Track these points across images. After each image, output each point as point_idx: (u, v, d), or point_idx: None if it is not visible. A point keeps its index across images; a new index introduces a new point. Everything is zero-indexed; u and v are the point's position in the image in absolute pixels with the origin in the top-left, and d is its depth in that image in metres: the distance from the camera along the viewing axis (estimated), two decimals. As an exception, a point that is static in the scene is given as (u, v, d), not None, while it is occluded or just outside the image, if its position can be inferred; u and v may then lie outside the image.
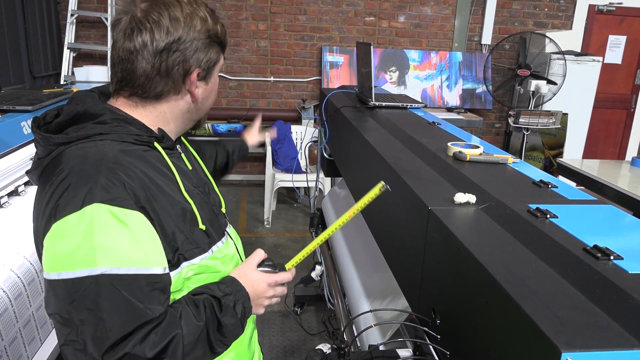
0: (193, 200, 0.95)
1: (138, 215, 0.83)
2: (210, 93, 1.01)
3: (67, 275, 0.79)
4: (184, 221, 0.92)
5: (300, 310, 2.94)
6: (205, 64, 0.94)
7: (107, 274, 0.79)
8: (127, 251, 0.81)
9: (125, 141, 0.89)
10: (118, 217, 0.81)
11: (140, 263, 0.82)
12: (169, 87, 0.92)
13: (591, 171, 3.08)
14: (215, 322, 0.91)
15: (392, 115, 2.01)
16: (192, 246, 0.93)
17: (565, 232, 0.87)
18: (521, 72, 4.73)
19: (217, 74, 1.00)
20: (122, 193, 0.82)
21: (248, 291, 0.99)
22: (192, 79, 0.93)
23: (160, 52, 0.89)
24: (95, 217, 0.79)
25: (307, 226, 3.94)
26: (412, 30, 5.13)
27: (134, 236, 0.82)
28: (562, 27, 5.26)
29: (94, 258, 0.78)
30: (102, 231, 0.79)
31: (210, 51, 0.94)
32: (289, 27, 4.95)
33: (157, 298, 0.84)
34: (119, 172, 0.83)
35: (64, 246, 0.79)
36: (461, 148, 1.34)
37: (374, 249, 1.71)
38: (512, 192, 1.08)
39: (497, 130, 5.52)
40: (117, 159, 0.85)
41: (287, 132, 4.52)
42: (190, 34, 0.90)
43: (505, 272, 0.75)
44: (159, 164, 0.92)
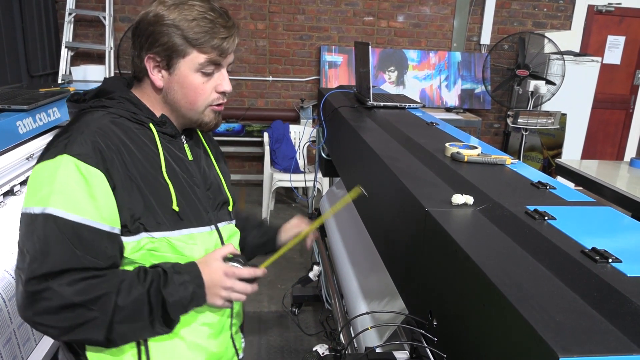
0: (172, 181, 1.01)
1: (99, 174, 0.92)
2: (177, 86, 1.03)
3: (27, 210, 0.91)
4: (153, 195, 0.98)
5: (297, 310, 2.94)
6: (161, 51, 0.99)
7: (55, 215, 0.89)
8: (79, 201, 0.90)
9: (123, 116, 1.00)
10: (81, 170, 0.91)
11: (88, 215, 0.91)
12: (137, 69, 1.04)
13: (590, 172, 3.08)
14: (160, 294, 0.95)
15: (390, 115, 2.00)
16: (155, 220, 0.98)
17: (563, 234, 0.86)
18: (520, 72, 4.73)
19: (186, 69, 1.01)
20: (91, 152, 0.92)
21: (204, 278, 1.00)
22: (148, 65, 1.01)
23: (132, 37, 1.02)
24: (62, 165, 0.91)
25: (305, 226, 3.94)
26: (411, 30, 5.12)
27: (90, 190, 0.91)
28: (561, 28, 5.26)
29: (48, 199, 0.89)
30: (62, 178, 0.90)
31: (165, 40, 0.98)
32: (287, 26, 4.94)
33: (99, 252, 0.91)
34: (96, 135, 0.94)
35: (33, 185, 0.93)
36: (459, 149, 1.33)
37: (371, 250, 1.70)
38: (510, 194, 1.07)
39: (495, 130, 5.51)
40: (102, 125, 0.97)
41: (285, 132, 4.51)
42: (147, 19, 0.99)
43: (503, 275, 0.74)
44: (148, 141, 1.01)
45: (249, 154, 5.13)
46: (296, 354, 2.63)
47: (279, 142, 4.44)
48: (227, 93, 1.09)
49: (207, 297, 1.01)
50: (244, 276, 1.05)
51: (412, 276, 1.07)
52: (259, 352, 2.62)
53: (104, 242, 0.92)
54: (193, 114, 1.06)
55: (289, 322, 2.87)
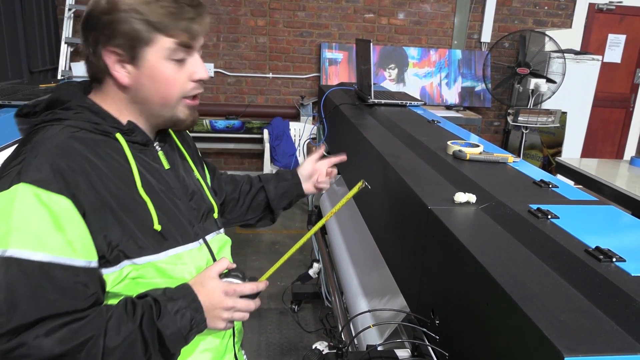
0: (150, 197, 0.90)
1: (64, 201, 0.79)
2: (147, 80, 0.89)
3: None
4: (130, 217, 0.86)
5: (297, 307, 2.94)
6: (122, 42, 0.85)
7: (16, 257, 0.75)
8: (44, 236, 0.77)
9: (83, 128, 0.87)
10: (42, 199, 0.77)
11: (58, 251, 0.78)
12: (95, 69, 0.90)
13: (590, 170, 3.08)
14: (154, 328, 0.85)
15: (391, 113, 1.99)
16: (136, 244, 0.87)
17: (567, 233, 0.86)
18: (520, 70, 4.72)
19: (155, 58, 0.88)
20: (51, 176, 0.79)
21: (201, 300, 0.91)
22: (108, 60, 0.87)
23: (82, 31, 0.89)
24: (18, 196, 0.77)
25: (304, 223, 3.94)
26: (411, 27, 5.11)
27: (56, 222, 0.78)
28: (562, 26, 5.25)
29: (7, 238, 0.75)
30: (21, 212, 0.76)
31: (125, 28, 0.85)
32: (287, 23, 4.93)
33: (77, 292, 0.79)
34: (54, 156, 0.81)
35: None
36: (461, 147, 1.33)
37: (371, 247, 1.70)
38: (512, 192, 1.07)
39: (495, 128, 5.51)
40: (60, 143, 0.83)
41: (285, 129, 4.51)
42: (98, 8, 0.85)
43: (506, 274, 0.74)
44: (117, 155, 0.88)
45: (248, 150, 5.12)
46: (295, 351, 2.63)
47: (278, 139, 4.44)
48: (203, 81, 0.96)
49: (208, 322, 0.92)
50: (245, 293, 0.96)
51: (414, 274, 1.07)
52: (259, 349, 2.62)
53: (81, 279, 0.80)
54: (167, 111, 0.94)
55: (289, 320, 2.87)
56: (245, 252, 3.65)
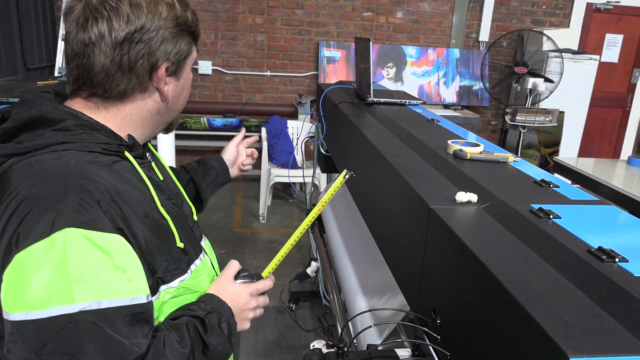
0: (169, 215, 0.86)
1: (117, 238, 0.72)
2: (183, 90, 0.90)
3: (37, 315, 0.66)
4: (161, 240, 0.81)
5: (295, 306, 2.94)
6: (174, 57, 0.83)
7: (87, 310, 0.67)
8: (108, 282, 0.70)
9: (93, 151, 0.77)
10: (95, 242, 0.69)
11: (123, 293, 0.71)
12: (134, 84, 0.81)
13: (587, 170, 3.08)
14: (201, 344, 0.83)
15: (390, 111, 1.99)
16: (172, 267, 0.84)
17: (569, 233, 0.86)
18: (518, 69, 4.73)
19: (189, 68, 0.90)
20: (98, 214, 0.71)
21: (230, 306, 0.91)
22: (159, 74, 0.82)
23: (121, 44, 0.78)
24: (68, 244, 0.67)
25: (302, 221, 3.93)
26: (409, 26, 5.11)
27: (115, 263, 0.71)
28: (560, 25, 5.25)
29: (70, 293, 0.66)
30: (77, 261, 0.67)
31: (180, 42, 0.83)
32: (286, 21, 4.92)
33: (142, 330, 0.74)
34: (90, 189, 0.72)
35: (33, 281, 0.66)
36: (461, 146, 1.33)
37: (370, 245, 1.70)
38: (513, 192, 1.07)
39: (493, 127, 5.52)
40: (86, 172, 0.74)
41: (283, 127, 4.50)
42: (155, 22, 0.79)
43: (510, 274, 0.73)
44: (130, 176, 0.81)
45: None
46: (293, 349, 2.63)
47: (276, 137, 4.43)
48: None
49: (238, 325, 0.93)
50: (265, 289, 0.99)
51: (415, 274, 1.07)
52: (256, 347, 2.61)
53: (144, 316, 0.75)
54: (175, 118, 0.94)
55: (286, 318, 2.87)
56: (242, 250, 3.65)
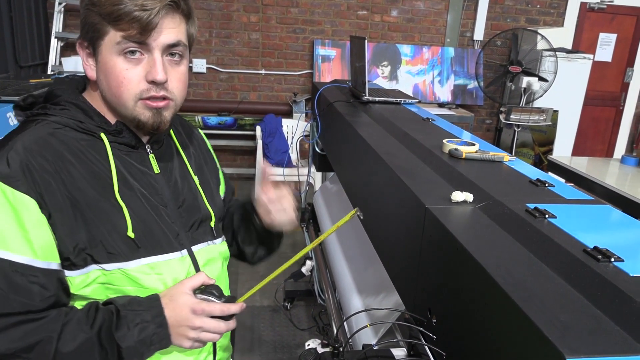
0: (128, 202, 0.87)
1: (29, 201, 0.79)
2: (102, 75, 0.87)
3: None
4: (102, 221, 0.85)
5: (290, 305, 2.93)
6: (86, 35, 0.87)
7: None
8: (4, 234, 0.77)
9: (67, 126, 0.87)
10: (7, 196, 0.78)
11: (17, 250, 0.78)
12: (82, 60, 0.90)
13: (580, 168, 3.10)
14: (112, 338, 0.82)
15: (385, 110, 1.99)
16: (106, 250, 0.85)
17: (565, 233, 0.86)
18: (513, 68, 4.74)
19: (107, 52, 0.85)
20: (19, 174, 0.79)
21: (167, 315, 0.86)
22: (81, 51, 0.89)
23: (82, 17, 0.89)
24: None
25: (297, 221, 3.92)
26: (404, 24, 5.11)
27: (19, 221, 0.78)
28: (554, 24, 5.27)
29: None
30: None
31: (90, 21, 0.85)
32: (280, 19, 4.91)
33: (33, 292, 0.78)
34: (27, 153, 0.81)
35: None
36: (457, 145, 1.33)
37: (365, 244, 1.70)
38: (509, 191, 1.07)
39: (487, 126, 5.53)
40: (37, 139, 0.83)
41: (278, 126, 4.49)
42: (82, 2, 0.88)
43: (506, 274, 0.73)
44: (98, 155, 0.88)
45: (241, 147, 5.10)
46: (288, 348, 2.63)
47: (271, 136, 4.42)
48: (158, 83, 0.87)
49: (172, 338, 0.87)
50: (214, 313, 0.89)
51: (410, 273, 1.07)
52: (251, 346, 2.61)
53: (39, 280, 0.79)
54: (124, 110, 0.89)
55: (281, 317, 2.87)
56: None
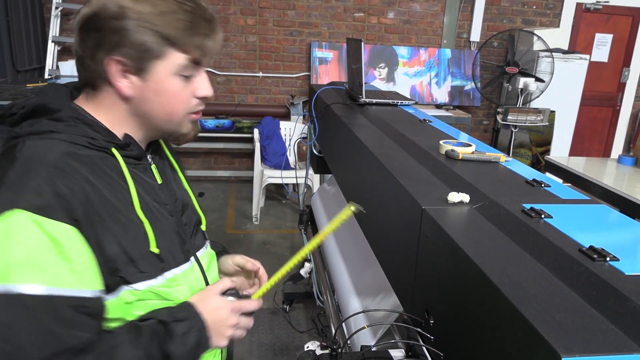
0: (148, 218, 0.86)
1: (69, 229, 0.74)
2: (153, 95, 0.85)
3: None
4: (129, 240, 0.82)
5: (289, 307, 2.93)
6: (132, 53, 0.80)
7: (23, 293, 0.69)
8: (51, 269, 0.71)
9: (78, 143, 0.80)
10: (45, 229, 0.71)
11: (66, 284, 0.73)
12: (94, 71, 0.82)
13: (578, 168, 3.11)
14: (160, 351, 0.81)
15: (382, 112, 1.99)
16: (137, 270, 0.83)
17: (560, 233, 0.86)
18: (509, 69, 4.75)
19: (164, 73, 0.83)
20: (53, 202, 0.72)
21: (206, 319, 0.88)
22: (111, 69, 0.81)
23: (82, 28, 0.81)
24: (16, 226, 0.70)
25: (296, 222, 3.92)
26: (401, 26, 5.12)
27: (62, 252, 0.72)
28: (550, 25, 5.29)
29: (8, 274, 0.68)
30: (23, 243, 0.69)
31: (142, 40, 0.79)
32: (277, 22, 4.91)
33: (84, 324, 0.74)
34: (55, 178, 0.74)
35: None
36: (453, 146, 1.33)
37: (363, 246, 1.70)
38: (505, 192, 1.07)
39: (485, 127, 5.54)
40: (59, 162, 0.76)
41: (275, 129, 4.49)
42: (113, 10, 0.78)
43: (502, 274, 0.74)
44: (114, 173, 0.83)
45: (239, 150, 5.10)
46: (287, 351, 2.63)
47: (269, 138, 4.42)
48: (207, 98, 0.91)
49: (212, 340, 0.89)
50: (250, 310, 0.95)
51: (408, 274, 1.07)
52: (250, 349, 2.61)
53: (88, 311, 0.75)
54: (170, 126, 0.89)
55: (280, 320, 2.87)
56: (236, 252, 3.63)
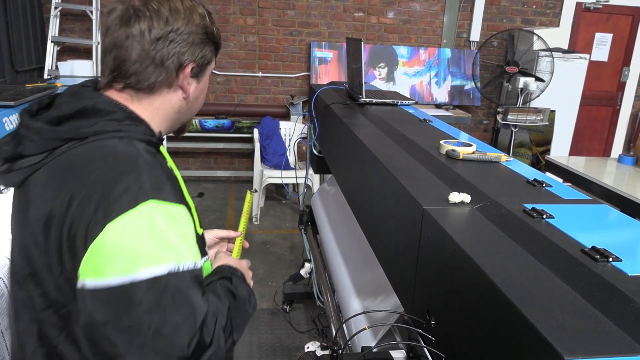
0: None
1: (183, 209, 0.83)
2: (201, 94, 1.00)
3: (133, 278, 0.73)
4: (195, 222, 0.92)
5: (289, 308, 2.93)
6: (199, 60, 0.93)
7: (171, 272, 0.76)
8: (181, 247, 0.79)
9: (143, 141, 0.86)
10: (170, 213, 0.79)
11: (191, 258, 0.81)
12: (162, 78, 0.90)
13: (578, 168, 3.10)
14: (232, 299, 0.92)
15: (382, 112, 1.99)
16: (204, 247, 0.95)
17: (562, 233, 0.86)
18: (509, 69, 4.74)
19: (208, 75, 0.99)
20: (168, 189, 0.81)
21: (238, 269, 1.03)
22: (185, 72, 0.92)
23: (157, 40, 0.87)
24: (152, 214, 0.77)
25: (296, 223, 3.92)
26: (401, 26, 5.12)
27: (182, 231, 0.81)
28: (550, 25, 5.28)
29: (159, 256, 0.75)
30: (160, 229, 0.77)
31: (205, 48, 0.94)
32: (277, 22, 4.91)
33: (201, 292, 0.82)
34: (156, 170, 0.82)
35: (128, 247, 0.74)
36: (454, 146, 1.33)
37: (364, 246, 1.69)
38: (506, 192, 1.07)
39: (485, 127, 5.53)
40: (148, 157, 0.83)
41: (275, 129, 4.49)
42: (188, 27, 0.90)
43: (503, 275, 0.73)
44: (165, 167, 0.88)
45: (238, 150, 5.10)
46: (287, 351, 2.62)
47: (269, 138, 4.42)
48: None
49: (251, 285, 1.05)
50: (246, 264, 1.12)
51: (409, 275, 1.06)
52: (251, 350, 2.60)
53: (200, 280, 0.84)
54: (187, 118, 1.02)
55: (280, 320, 2.86)
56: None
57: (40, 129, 0.82)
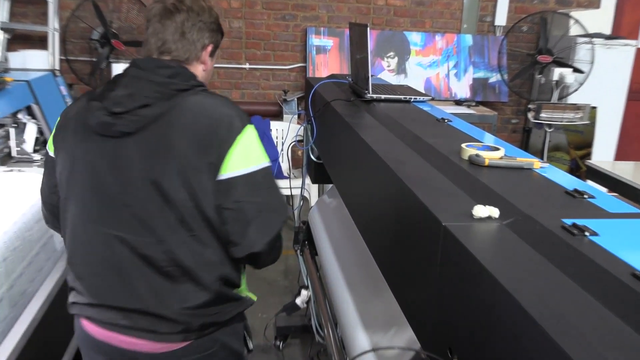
0: None
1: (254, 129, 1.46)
2: (211, 70, 1.59)
3: (261, 165, 1.41)
4: None
5: (282, 344, 2.92)
6: (215, 42, 1.54)
7: (268, 165, 1.44)
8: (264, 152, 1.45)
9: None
10: (256, 131, 1.44)
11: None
12: (194, 53, 1.48)
13: (626, 175, 3.11)
14: None
15: (393, 110, 2.00)
16: None
17: (609, 254, 0.86)
18: (542, 58, 4.77)
19: (215, 56, 1.57)
20: (248, 117, 1.44)
21: None
22: (207, 50, 1.52)
23: (192, 27, 1.46)
24: (252, 131, 1.42)
25: (290, 242, 3.91)
26: (413, 8, 5.15)
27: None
28: (589, 6, 5.32)
29: (264, 155, 1.43)
30: (258, 140, 1.44)
31: (218, 34, 1.55)
32: (267, 4, 4.94)
33: None
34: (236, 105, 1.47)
35: (254, 149, 1.41)
36: (478, 150, 1.34)
37: (372, 270, 1.69)
38: (541, 204, 1.07)
39: (514, 127, 5.56)
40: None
41: (265, 130, 4.51)
42: (210, 18, 1.51)
43: (540, 304, 0.73)
44: None
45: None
46: (281, 396, 2.61)
47: (258, 141, 4.43)
48: None
49: None
50: None
51: (426, 305, 1.06)
52: None
53: None
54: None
55: (273, 358, 2.85)
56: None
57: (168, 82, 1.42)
